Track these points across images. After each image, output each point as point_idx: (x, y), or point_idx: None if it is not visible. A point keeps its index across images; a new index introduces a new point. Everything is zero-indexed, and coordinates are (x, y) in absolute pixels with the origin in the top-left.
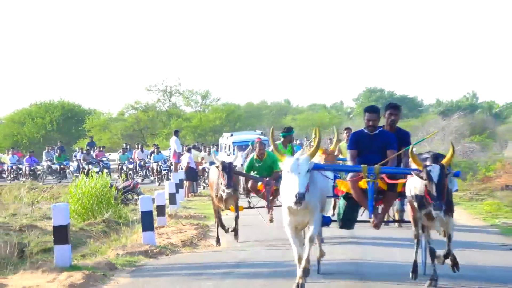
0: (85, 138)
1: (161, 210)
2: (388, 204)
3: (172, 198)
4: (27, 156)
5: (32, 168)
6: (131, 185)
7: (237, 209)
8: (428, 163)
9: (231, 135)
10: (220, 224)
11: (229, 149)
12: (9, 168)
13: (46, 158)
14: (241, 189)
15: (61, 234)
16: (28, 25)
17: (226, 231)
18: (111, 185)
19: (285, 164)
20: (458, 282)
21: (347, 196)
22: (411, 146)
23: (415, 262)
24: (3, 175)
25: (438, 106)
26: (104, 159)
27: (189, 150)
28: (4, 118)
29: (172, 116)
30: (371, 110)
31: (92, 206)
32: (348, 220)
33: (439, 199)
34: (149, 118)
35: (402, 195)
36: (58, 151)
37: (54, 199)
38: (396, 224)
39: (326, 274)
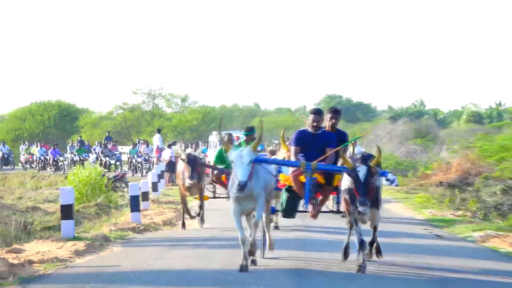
0: (78, 133)
1: (145, 196)
2: (325, 196)
3: (155, 187)
4: (52, 149)
5: (55, 159)
6: (120, 175)
7: (202, 198)
8: (357, 163)
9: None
10: (186, 210)
11: (217, 146)
12: (38, 159)
13: (70, 151)
14: (208, 179)
15: (67, 211)
16: (27, 31)
17: (192, 217)
18: (103, 175)
19: (230, 155)
20: (384, 266)
21: (289, 189)
22: (342, 150)
23: (346, 245)
24: (33, 165)
25: (390, 112)
26: (117, 152)
27: (169, 146)
28: (7, 114)
29: (155, 116)
30: (317, 113)
31: (86, 192)
32: (289, 210)
33: (364, 196)
34: (135, 118)
35: (338, 189)
36: (78, 144)
37: (53, 185)
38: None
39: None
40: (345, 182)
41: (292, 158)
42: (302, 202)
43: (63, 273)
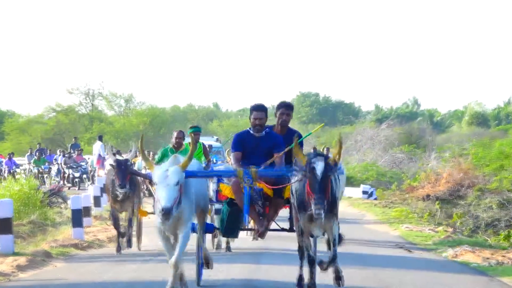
0: (2, 141)
1: (87, 211)
2: (274, 211)
3: (97, 201)
4: (7, 159)
5: (11, 171)
6: (56, 188)
7: (131, 213)
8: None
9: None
10: (116, 227)
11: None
12: None
13: (28, 161)
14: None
15: (5, 225)
16: None
17: (122, 235)
18: (38, 188)
19: (154, 174)
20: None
21: (230, 202)
22: (296, 139)
23: (300, 277)
24: None
25: (377, 113)
26: (83, 163)
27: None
28: None
29: (94, 120)
30: (259, 109)
31: (18, 208)
32: (231, 228)
33: (321, 194)
34: (70, 122)
35: (290, 202)
36: (37, 154)
37: None
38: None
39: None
40: (294, 187)
41: (234, 166)
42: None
43: (9, 286)
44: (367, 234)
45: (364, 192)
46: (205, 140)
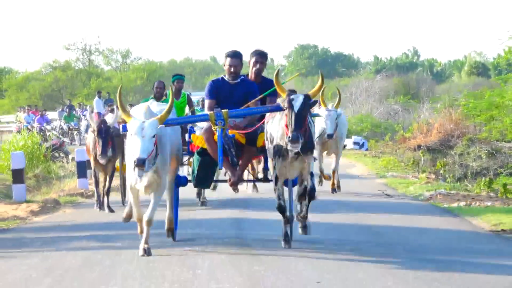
0: (1, 98)
1: (88, 164)
2: (247, 159)
3: None
4: (39, 116)
5: (42, 128)
6: (58, 143)
7: (112, 176)
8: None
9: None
10: (96, 187)
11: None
12: (24, 127)
13: (59, 117)
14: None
15: (18, 175)
16: None
17: (101, 197)
18: (41, 143)
19: (130, 125)
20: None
21: (202, 152)
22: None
23: (286, 233)
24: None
25: (376, 64)
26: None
27: (112, 111)
28: None
29: (92, 76)
30: (234, 55)
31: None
32: (203, 178)
33: (298, 129)
34: (68, 78)
35: (264, 152)
36: (67, 110)
37: None
38: (249, 184)
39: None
40: (269, 131)
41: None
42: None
43: (26, 227)
44: (353, 182)
45: (355, 143)
46: (199, 95)
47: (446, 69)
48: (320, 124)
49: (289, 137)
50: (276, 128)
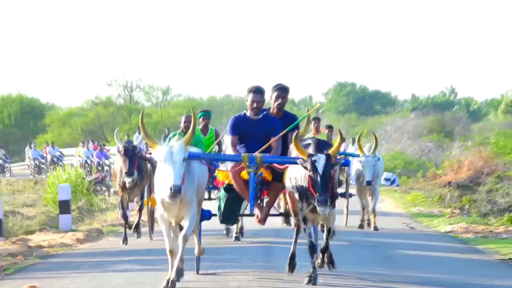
0: (44, 133)
1: None
2: (273, 196)
3: None
4: (98, 150)
5: (100, 163)
6: (100, 177)
7: (142, 200)
8: (311, 150)
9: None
10: (124, 217)
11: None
12: (83, 162)
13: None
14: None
15: (65, 206)
16: None
17: (130, 227)
18: (84, 177)
19: (158, 152)
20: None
21: (228, 188)
22: (295, 134)
23: (292, 254)
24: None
25: (413, 102)
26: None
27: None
28: None
29: (133, 112)
30: (256, 91)
31: None
32: (229, 215)
33: (325, 193)
34: (109, 114)
35: None
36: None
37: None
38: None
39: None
40: (293, 175)
41: (229, 151)
42: (245, 204)
43: (73, 253)
44: (380, 216)
45: (387, 179)
46: None
47: (482, 108)
48: (356, 166)
49: (317, 200)
50: (297, 169)
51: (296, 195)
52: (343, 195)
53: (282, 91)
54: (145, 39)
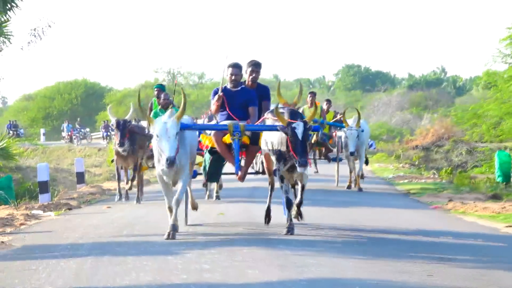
0: (104, 111)
1: None
2: (251, 157)
3: None
4: None
5: None
6: None
7: (135, 168)
8: (286, 117)
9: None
10: (118, 181)
11: None
12: None
13: None
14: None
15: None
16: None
17: (124, 189)
18: None
19: (155, 128)
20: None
21: (211, 151)
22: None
23: (268, 208)
24: None
25: (410, 80)
26: None
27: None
28: (35, 93)
29: (175, 93)
30: (235, 66)
31: None
32: (213, 174)
33: (304, 155)
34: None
35: None
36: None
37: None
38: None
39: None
40: (269, 139)
41: (213, 112)
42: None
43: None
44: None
45: None
46: None
47: (467, 84)
48: (343, 135)
49: (298, 162)
50: (273, 135)
51: (273, 158)
52: (334, 159)
53: (255, 66)
54: (184, 29)
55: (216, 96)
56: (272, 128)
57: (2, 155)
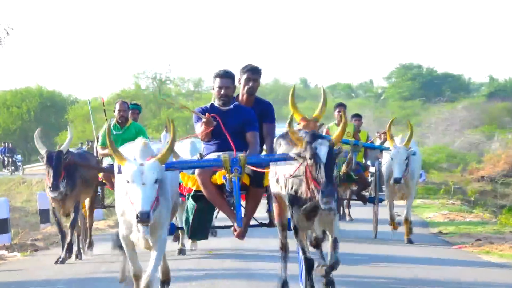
0: (67, 130)
1: None
2: (253, 204)
3: None
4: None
5: None
6: None
7: (76, 214)
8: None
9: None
10: (60, 230)
11: None
12: None
13: None
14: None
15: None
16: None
17: (66, 241)
18: None
19: (126, 171)
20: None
21: (196, 195)
22: (290, 116)
23: (284, 282)
24: None
25: (490, 86)
26: None
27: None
28: None
29: (162, 106)
30: (224, 75)
31: None
32: (199, 228)
33: (329, 184)
34: None
35: (268, 191)
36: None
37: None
38: None
39: None
40: (282, 172)
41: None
42: (216, 215)
43: None
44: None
45: None
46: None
47: None
48: (387, 161)
49: (321, 192)
50: (289, 168)
51: (287, 201)
52: (372, 200)
53: (253, 72)
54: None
55: (204, 119)
56: (284, 157)
57: None
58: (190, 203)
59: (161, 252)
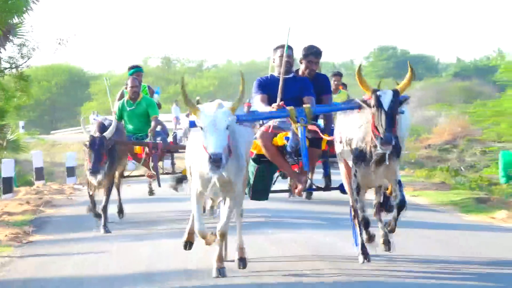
0: (90, 101)
1: None
2: (312, 163)
3: None
4: None
5: None
6: None
7: (108, 195)
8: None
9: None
10: (93, 208)
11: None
12: None
13: None
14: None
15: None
16: None
17: (98, 216)
18: None
19: (200, 118)
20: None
21: (258, 159)
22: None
23: (363, 244)
24: None
25: (457, 66)
26: None
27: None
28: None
29: (170, 82)
30: (288, 47)
31: None
32: (261, 190)
33: (390, 129)
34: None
35: (326, 156)
36: None
37: None
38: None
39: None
40: (348, 134)
41: (260, 109)
42: (274, 181)
43: None
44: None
45: None
46: None
47: None
48: None
49: (381, 138)
50: (354, 128)
51: (350, 162)
52: None
53: (315, 56)
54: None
55: (274, 105)
56: (350, 106)
57: (13, 147)
58: (252, 165)
59: (235, 204)
